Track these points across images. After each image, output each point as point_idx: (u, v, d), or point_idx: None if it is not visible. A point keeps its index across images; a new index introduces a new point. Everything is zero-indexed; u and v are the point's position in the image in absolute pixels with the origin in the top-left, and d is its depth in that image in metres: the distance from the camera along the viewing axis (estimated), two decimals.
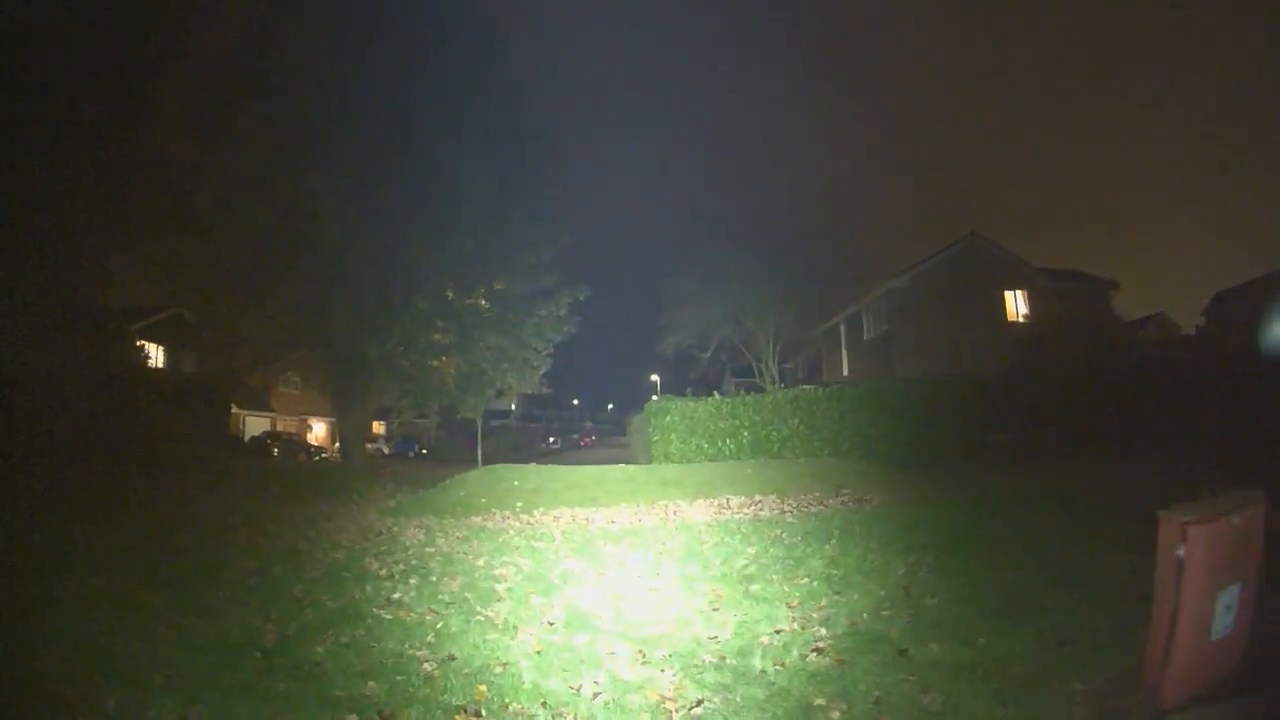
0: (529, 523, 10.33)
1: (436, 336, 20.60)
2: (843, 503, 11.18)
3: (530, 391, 25.75)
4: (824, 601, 5.57)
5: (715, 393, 16.04)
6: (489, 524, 10.42)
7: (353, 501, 14.58)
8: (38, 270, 12.12)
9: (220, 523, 9.83)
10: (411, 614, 5.46)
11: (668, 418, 16.58)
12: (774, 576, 6.43)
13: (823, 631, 4.82)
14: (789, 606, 5.47)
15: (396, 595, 6.07)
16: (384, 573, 7.05)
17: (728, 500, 11.49)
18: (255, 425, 43.27)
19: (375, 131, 17.95)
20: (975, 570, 6.00)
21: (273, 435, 40.37)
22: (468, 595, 6.10)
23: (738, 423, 16.04)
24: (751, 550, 7.64)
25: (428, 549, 8.49)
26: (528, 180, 20.77)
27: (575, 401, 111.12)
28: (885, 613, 5.11)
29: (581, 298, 21.31)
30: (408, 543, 8.96)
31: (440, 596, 6.06)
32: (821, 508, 10.82)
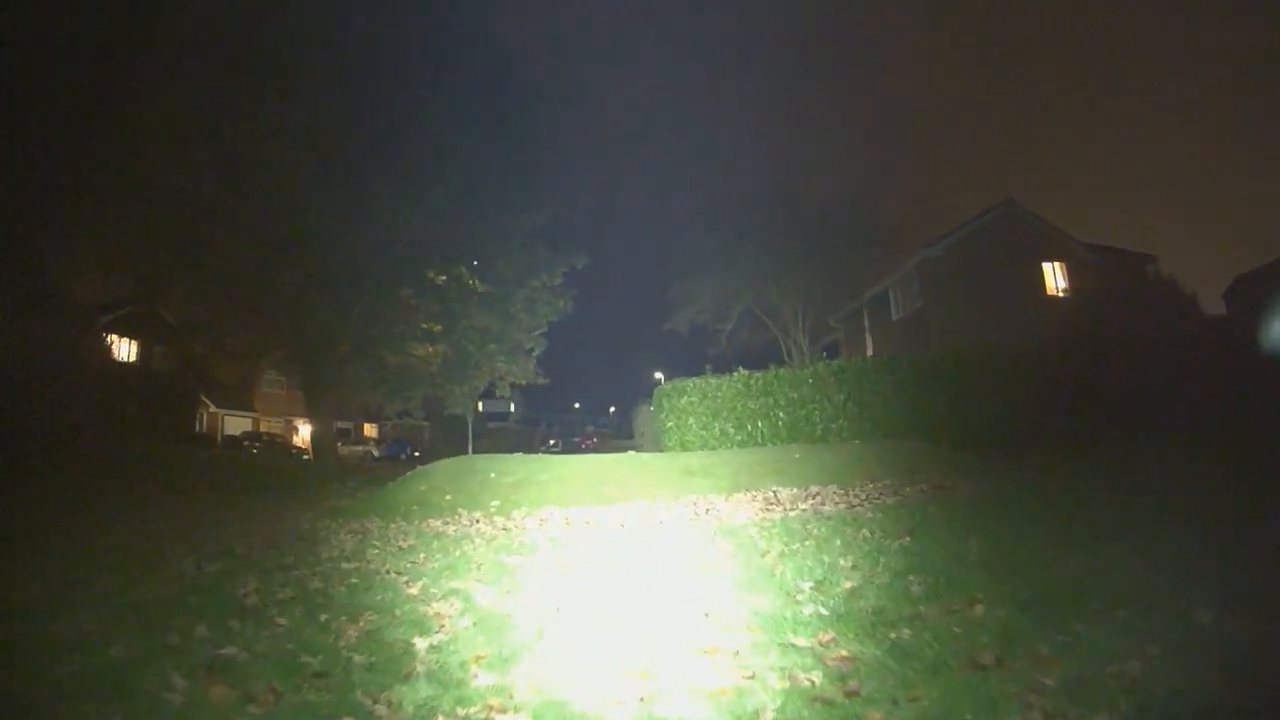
0: (504, 527, 7.45)
1: (415, 315, 17.77)
2: (922, 491, 8.32)
3: (524, 381, 22.89)
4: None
5: (740, 369, 13.01)
6: (449, 529, 7.56)
7: (298, 500, 12.27)
8: None
9: (124, 517, 8.78)
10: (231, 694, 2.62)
11: (684, 399, 13.70)
12: (924, 609, 3.55)
13: None
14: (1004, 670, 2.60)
15: (229, 651, 3.24)
16: (254, 601, 4.37)
17: (775, 493, 8.63)
18: (236, 425, 41.13)
19: (340, 68, 15.20)
20: None
21: (253, 435, 38.22)
22: (356, 658, 3.24)
23: (771, 401, 13.15)
24: (847, 562, 4.75)
25: (346, 564, 5.68)
26: (514, 131, 17.94)
27: (577, 405, 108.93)
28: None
29: (579, 266, 18.51)
30: (325, 554, 6.20)
31: (304, 661, 3.20)
32: (898, 498, 7.97)
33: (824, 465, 9.89)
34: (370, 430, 55.66)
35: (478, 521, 7.87)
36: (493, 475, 9.84)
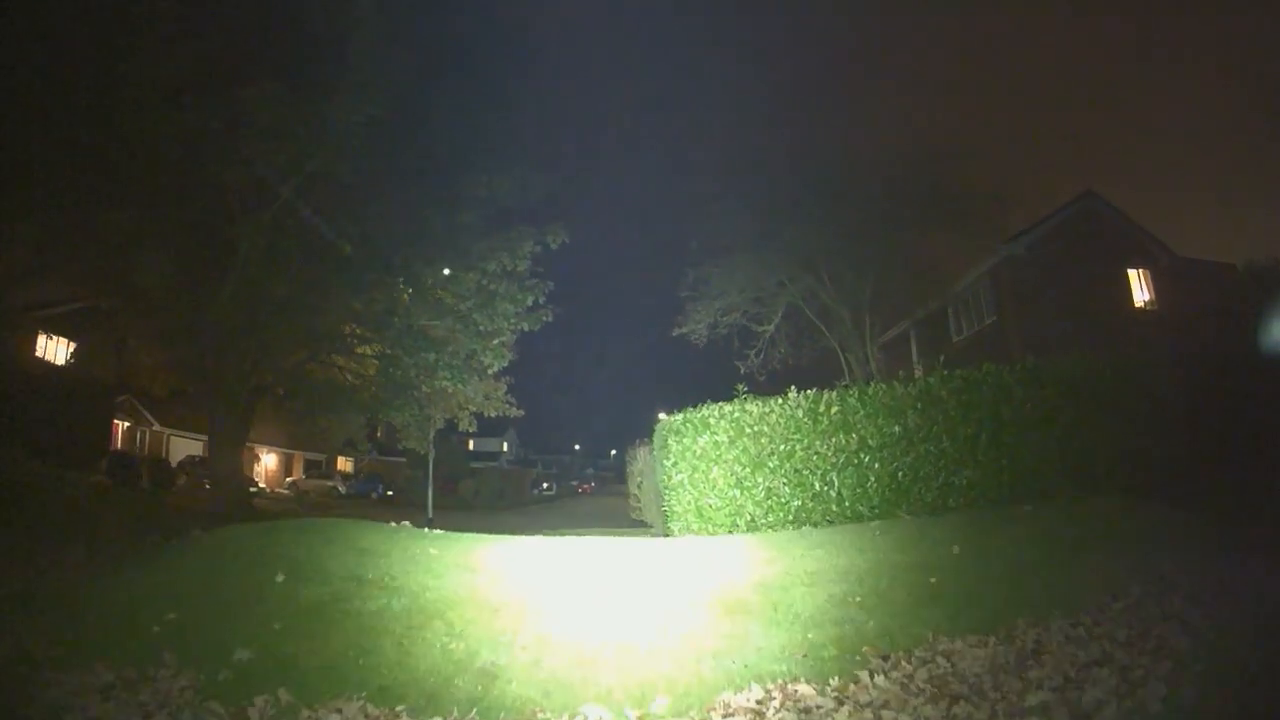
0: None
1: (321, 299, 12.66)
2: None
3: (493, 412, 17.44)
4: None
5: (793, 389, 7.59)
6: None
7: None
8: None
9: None
10: None
11: (704, 438, 8.33)
12: None
13: None
14: None
15: None
16: None
17: (950, 662, 3.27)
18: (186, 448, 35.96)
19: None
20: None
21: (194, 461, 32.82)
22: None
23: (856, 440, 7.72)
24: None
25: None
26: (468, 48, 13.08)
27: (577, 446, 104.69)
28: None
29: (555, 245, 13.32)
30: None
31: None
32: None
33: (1016, 565, 4.59)
34: (345, 464, 50.61)
35: None
36: (280, 579, 4.55)
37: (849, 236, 15.55)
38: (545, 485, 66.15)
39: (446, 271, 13.62)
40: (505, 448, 74.66)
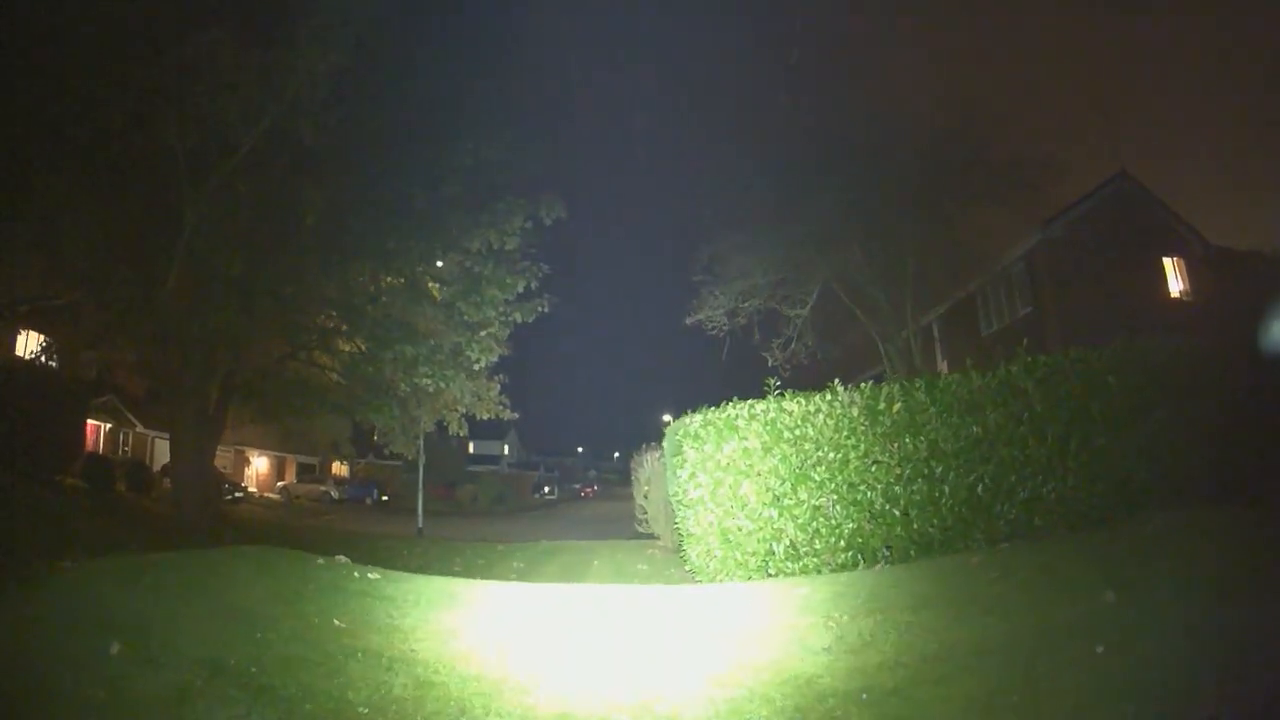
0: None
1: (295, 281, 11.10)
2: None
3: (486, 414, 15.80)
4: None
5: (837, 383, 5.88)
6: None
7: None
8: None
9: None
10: None
11: (732, 444, 6.70)
12: None
13: None
14: None
15: None
16: None
17: None
18: (168, 452, 34.37)
19: None
20: None
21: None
22: None
23: (925, 445, 6.04)
24: None
25: None
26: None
27: (580, 449, 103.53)
28: None
29: (549, 220, 11.69)
30: None
31: None
32: None
33: (1201, 617, 2.96)
34: (340, 469, 49.23)
35: None
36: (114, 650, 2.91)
37: (887, 205, 13.81)
38: (547, 489, 64.73)
39: (440, 264, 12.12)
40: (506, 450, 72.99)
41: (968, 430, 6.16)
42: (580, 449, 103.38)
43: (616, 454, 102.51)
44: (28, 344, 24.29)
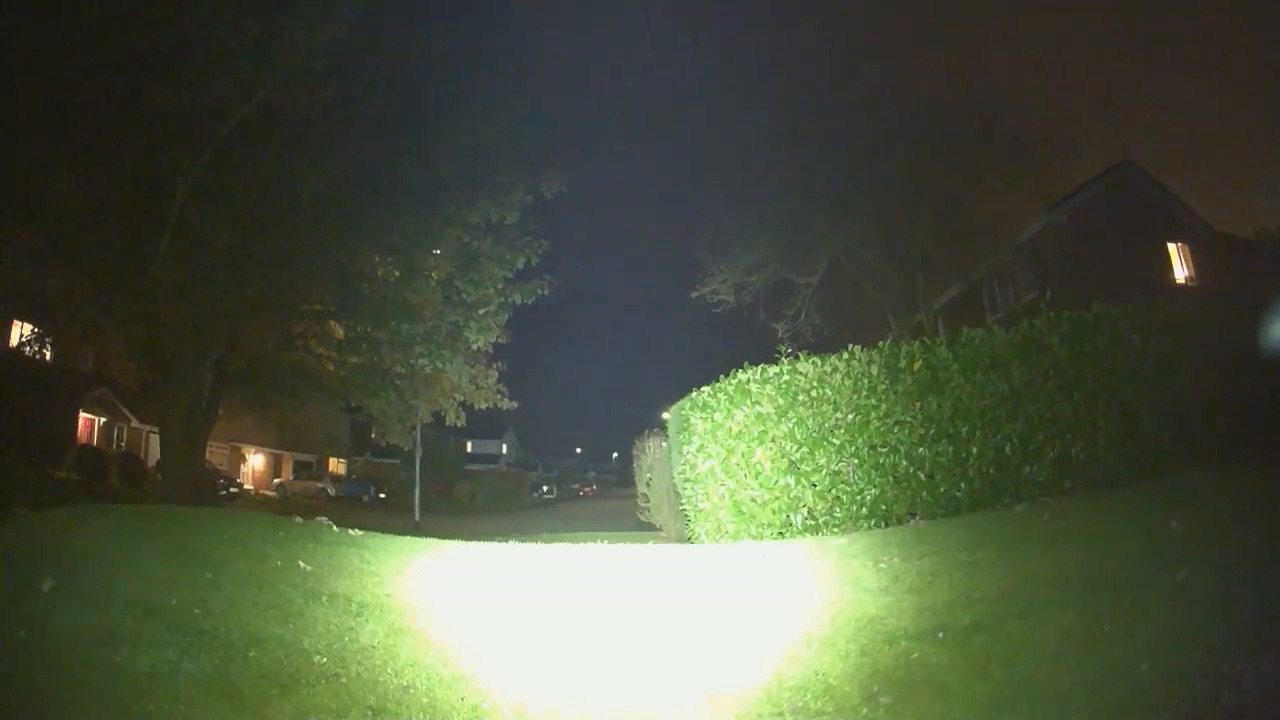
0: None
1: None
2: None
3: (485, 403, 15.45)
4: None
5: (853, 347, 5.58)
6: None
7: None
8: None
9: None
10: None
11: (740, 413, 6.30)
12: None
13: None
14: None
15: None
16: None
17: None
18: None
19: None
20: None
21: None
22: None
23: (949, 405, 5.73)
24: None
25: None
26: None
27: (579, 450, 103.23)
28: None
29: (549, 194, 11.41)
30: None
31: None
32: None
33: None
34: (338, 465, 48.76)
35: None
36: (46, 586, 2.57)
37: (902, 179, 13.53)
38: (545, 488, 64.66)
39: (437, 249, 11.81)
40: (504, 450, 72.62)
41: (993, 387, 5.88)
42: (579, 449, 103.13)
43: (615, 454, 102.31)
44: (21, 335, 23.83)
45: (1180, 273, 19.20)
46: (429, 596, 3.76)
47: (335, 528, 5.35)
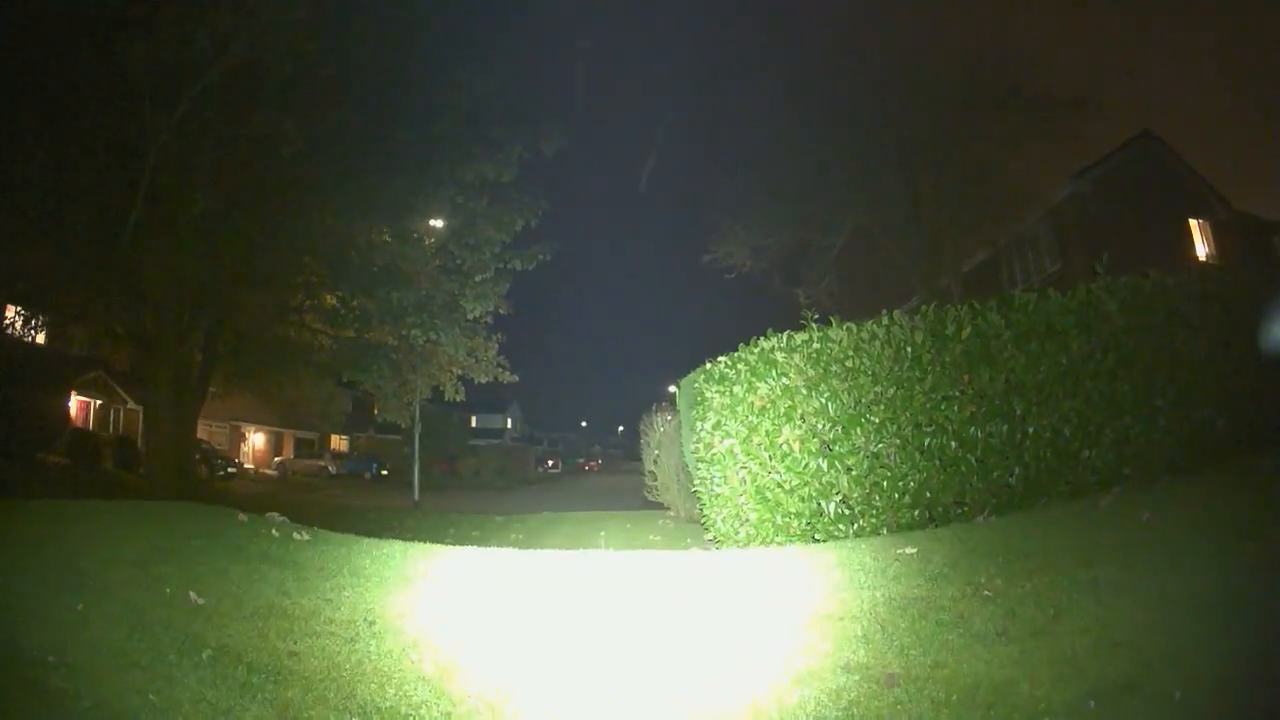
0: None
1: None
2: None
3: (484, 376, 14.80)
4: None
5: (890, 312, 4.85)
6: None
7: None
8: None
9: None
10: None
11: (764, 386, 5.63)
12: None
13: None
14: None
15: None
16: None
17: None
18: None
19: None
20: None
21: None
22: None
23: (1003, 381, 5.04)
24: None
25: None
26: None
27: (584, 423, 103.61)
28: None
29: (549, 152, 10.64)
30: None
31: None
32: None
33: None
34: (340, 442, 48.48)
35: None
36: None
37: (930, 139, 12.72)
38: (550, 463, 64.66)
39: (430, 215, 11.07)
40: (509, 424, 72.35)
41: (1051, 360, 5.19)
42: (584, 423, 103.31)
43: (621, 428, 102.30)
44: (6, 316, 23.11)
45: (1201, 250, 18.86)
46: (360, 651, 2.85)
47: (278, 531, 4.58)
